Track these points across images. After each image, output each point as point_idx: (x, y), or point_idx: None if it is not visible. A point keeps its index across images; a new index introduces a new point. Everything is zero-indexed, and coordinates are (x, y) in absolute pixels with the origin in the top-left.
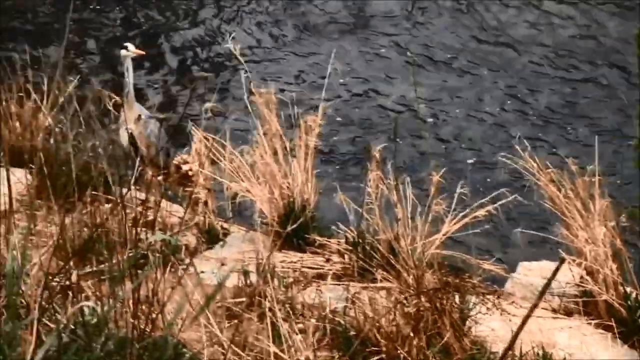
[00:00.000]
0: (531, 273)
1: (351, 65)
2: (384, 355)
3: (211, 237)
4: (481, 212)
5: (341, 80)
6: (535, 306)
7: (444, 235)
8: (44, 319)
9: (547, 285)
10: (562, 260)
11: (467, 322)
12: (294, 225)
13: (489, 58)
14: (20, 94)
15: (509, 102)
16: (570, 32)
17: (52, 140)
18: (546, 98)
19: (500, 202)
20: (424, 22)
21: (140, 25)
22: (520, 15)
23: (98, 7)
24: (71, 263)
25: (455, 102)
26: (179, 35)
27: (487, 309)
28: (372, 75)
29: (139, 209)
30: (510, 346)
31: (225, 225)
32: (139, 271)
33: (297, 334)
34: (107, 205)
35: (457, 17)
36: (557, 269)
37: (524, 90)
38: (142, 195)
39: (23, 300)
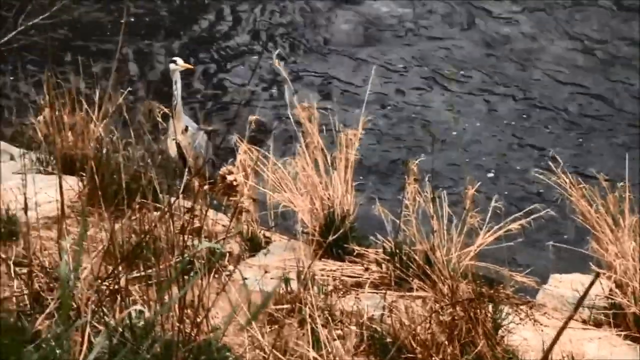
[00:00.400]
0: (562, 285)
1: (374, 79)
2: None
3: (254, 245)
4: (514, 226)
5: (370, 92)
6: (570, 318)
7: (478, 247)
8: (93, 322)
9: (583, 298)
10: (597, 275)
11: (500, 332)
12: (335, 236)
13: (500, 71)
14: (73, 105)
15: (524, 115)
16: (578, 45)
17: (103, 150)
18: (561, 110)
19: (533, 217)
20: (432, 35)
21: (187, 39)
22: (522, 28)
23: (147, 18)
24: (120, 268)
25: (474, 115)
26: (224, 49)
27: (520, 319)
28: (396, 89)
29: (186, 217)
30: (546, 356)
31: (268, 233)
32: (185, 277)
33: (335, 340)
34: (156, 213)
35: (462, 31)
36: (591, 283)
37: (539, 102)
38: (189, 204)
39: (74, 303)
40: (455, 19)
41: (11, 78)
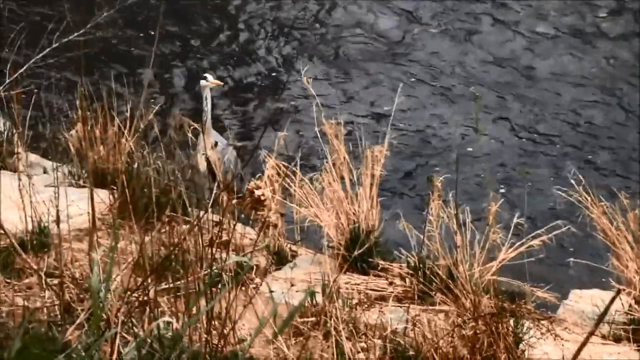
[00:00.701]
0: (582, 300)
1: (392, 96)
2: None
3: (280, 259)
4: (536, 242)
5: (387, 109)
6: (591, 334)
7: (500, 262)
8: (123, 333)
9: (603, 314)
10: (618, 292)
11: (521, 346)
12: (360, 251)
13: (505, 86)
14: (105, 119)
15: (539, 131)
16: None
17: (134, 164)
18: (571, 124)
19: (554, 233)
20: (435, 51)
21: (218, 56)
22: (522, 43)
23: (177, 31)
24: (149, 280)
25: (490, 130)
26: (254, 65)
27: (541, 333)
28: (413, 106)
29: (214, 230)
30: None
31: (294, 247)
32: (213, 289)
33: (360, 353)
34: (185, 226)
35: (463, 46)
36: (612, 300)
37: (550, 118)
38: (218, 218)
39: (104, 314)
40: (456, 33)
41: (45, 94)
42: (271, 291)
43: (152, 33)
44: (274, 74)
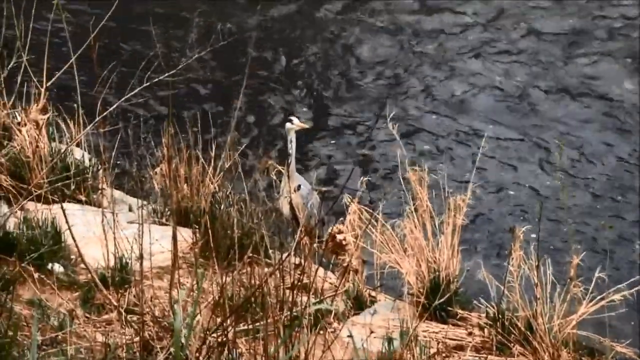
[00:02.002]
0: None
1: (476, 143)
2: None
3: (359, 304)
4: (617, 297)
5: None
6: None
7: (580, 316)
8: None
9: None
10: None
11: None
12: (440, 300)
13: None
14: (190, 158)
15: (625, 184)
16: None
17: (219, 205)
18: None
19: (636, 288)
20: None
21: (302, 95)
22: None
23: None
24: (229, 321)
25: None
26: (339, 109)
27: None
28: (498, 154)
29: (295, 274)
30: None
31: (374, 293)
32: (293, 332)
33: None
34: (266, 269)
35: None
36: None
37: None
38: (299, 261)
39: (184, 354)
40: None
41: (132, 131)
42: (349, 336)
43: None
44: (360, 115)
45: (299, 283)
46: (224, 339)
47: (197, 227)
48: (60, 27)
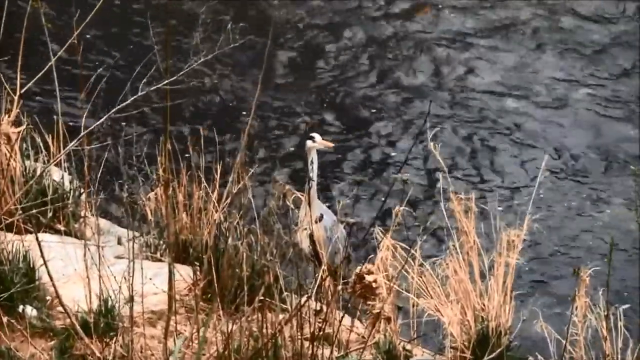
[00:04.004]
0: None
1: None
2: None
3: (391, 358)
4: None
5: (528, 183)
6: None
7: None
8: None
9: None
10: None
11: None
12: (491, 356)
13: None
14: (190, 181)
15: None
16: None
17: (225, 238)
18: None
19: None
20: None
21: (326, 114)
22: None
23: (282, 81)
24: None
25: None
26: (370, 126)
27: None
28: (557, 182)
29: (316, 322)
30: None
31: (408, 346)
32: None
33: None
34: (281, 316)
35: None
36: None
37: None
38: (320, 307)
39: None
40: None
41: (123, 149)
42: None
43: (253, 84)
44: (394, 133)
45: (320, 333)
46: None
47: (198, 264)
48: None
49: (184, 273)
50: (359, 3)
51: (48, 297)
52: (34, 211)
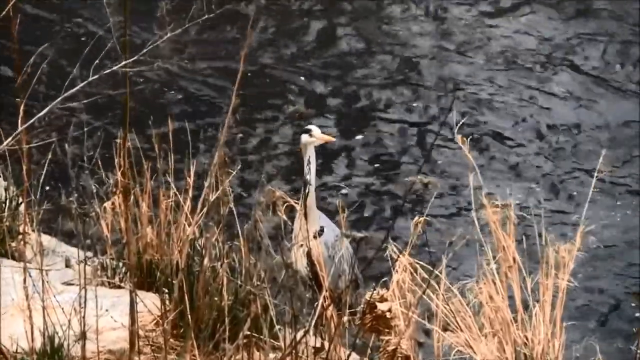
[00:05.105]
0: None
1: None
2: None
3: None
4: None
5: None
6: None
7: None
8: None
9: None
10: None
11: None
12: None
13: None
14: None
15: None
16: None
17: (201, 258)
18: None
19: None
20: None
21: (324, 102)
22: None
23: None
24: None
25: None
26: (379, 114)
27: None
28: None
29: None
30: None
31: None
32: None
33: None
34: (272, 355)
35: None
36: None
37: None
38: (321, 343)
39: None
40: None
41: (72, 148)
42: None
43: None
44: (411, 122)
45: None
46: None
47: (167, 291)
48: None
49: (150, 302)
50: None
51: None
52: None
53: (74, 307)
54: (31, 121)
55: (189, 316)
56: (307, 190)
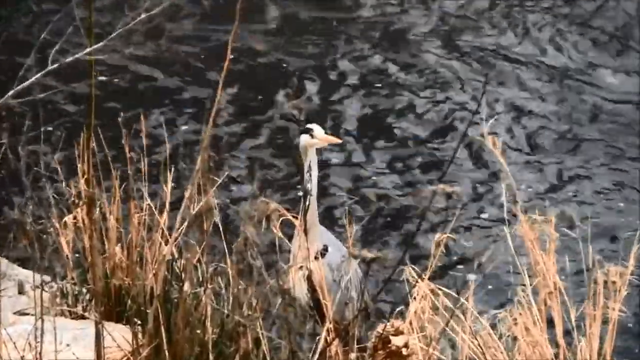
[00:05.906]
0: None
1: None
2: None
3: None
4: None
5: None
6: None
7: None
8: None
9: None
10: None
11: None
12: None
13: None
14: (127, 196)
15: None
16: None
17: (184, 283)
18: None
19: None
20: None
21: (328, 97)
22: None
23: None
24: None
25: None
26: (391, 114)
27: None
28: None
29: None
30: None
31: None
32: None
33: None
34: None
35: None
36: None
37: None
38: None
39: None
40: None
41: (28, 148)
42: None
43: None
44: (430, 122)
45: None
46: None
47: (139, 321)
48: None
49: (119, 336)
50: None
51: None
52: None
53: (29, 341)
54: None
55: (166, 352)
56: (307, 202)
